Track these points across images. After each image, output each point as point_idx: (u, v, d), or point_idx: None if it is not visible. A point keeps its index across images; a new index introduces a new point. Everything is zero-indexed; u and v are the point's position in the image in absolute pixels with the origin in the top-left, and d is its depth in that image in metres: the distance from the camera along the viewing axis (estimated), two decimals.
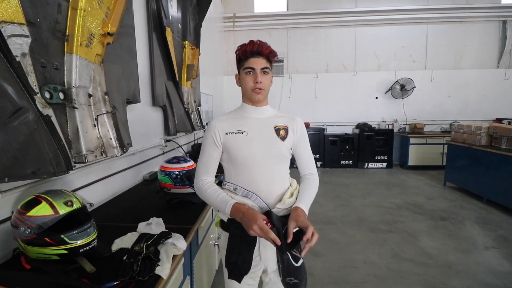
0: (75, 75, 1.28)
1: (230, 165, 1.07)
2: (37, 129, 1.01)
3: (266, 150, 1.03)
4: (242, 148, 1.03)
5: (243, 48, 1.04)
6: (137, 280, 0.85)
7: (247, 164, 1.03)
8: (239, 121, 1.08)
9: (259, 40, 1.04)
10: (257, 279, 1.13)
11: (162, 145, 2.56)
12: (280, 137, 1.06)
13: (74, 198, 0.96)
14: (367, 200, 3.91)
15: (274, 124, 1.08)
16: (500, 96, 5.97)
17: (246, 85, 1.04)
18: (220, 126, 1.06)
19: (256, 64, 1.02)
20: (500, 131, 3.60)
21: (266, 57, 1.04)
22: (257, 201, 1.01)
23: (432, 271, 2.19)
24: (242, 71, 1.05)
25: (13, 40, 0.98)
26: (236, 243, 0.99)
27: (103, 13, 1.43)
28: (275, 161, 1.05)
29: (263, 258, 1.07)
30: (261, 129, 1.06)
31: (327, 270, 2.23)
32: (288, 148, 1.08)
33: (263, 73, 1.03)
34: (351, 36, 6.15)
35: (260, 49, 1.02)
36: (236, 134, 1.04)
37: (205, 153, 1.08)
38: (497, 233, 2.81)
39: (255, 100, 1.06)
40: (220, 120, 1.09)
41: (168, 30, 2.53)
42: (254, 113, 1.09)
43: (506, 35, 5.86)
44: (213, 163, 1.08)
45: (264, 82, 1.03)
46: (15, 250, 1.00)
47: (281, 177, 1.08)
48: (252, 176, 1.03)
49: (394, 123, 6.08)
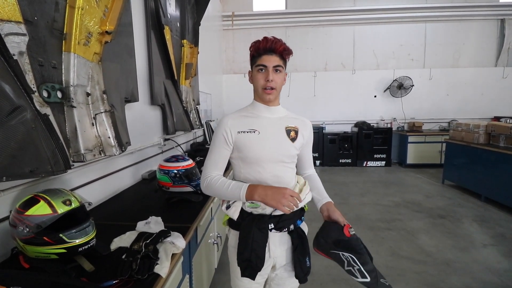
0: (73, 73, 1.28)
1: (240, 163, 1.07)
2: (35, 128, 1.01)
3: (277, 150, 1.04)
4: (254, 147, 1.03)
5: (256, 44, 1.03)
6: (136, 279, 0.85)
7: (257, 163, 1.03)
8: (251, 119, 1.07)
9: (274, 37, 1.01)
10: (265, 276, 1.13)
11: (161, 144, 2.55)
12: (290, 138, 1.07)
13: (73, 197, 0.96)
14: (366, 198, 3.92)
15: (285, 125, 1.08)
16: (498, 94, 5.99)
17: (258, 82, 1.03)
18: (232, 124, 1.05)
19: (268, 62, 1.00)
20: (498, 129, 3.62)
21: (280, 54, 1.01)
22: None
23: (430, 269, 2.20)
24: (254, 68, 1.04)
25: (11, 39, 0.97)
26: (249, 240, 0.99)
27: (101, 12, 1.42)
28: (284, 161, 1.06)
29: (272, 254, 1.07)
30: (272, 129, 1.06)
31: (326, 268, 2.23)
32: (297, 149, 1.09)
33: (276, 71, 1.01)
34: (350, 35, 6.15)
35: (273, 46, 1.00)
36: (248, 133, 1.04)
37: (214, 151, 1.07)
38: (495, 231, 2.83)
39: (266, 100, 1.05)
40: (231, 118, 1.07)
41: (166, 28, 2.52)
42: (266, 113, 1.08)
43: (504, 34, 5.88)
44: (222, 161, 1.08)
45: (276, 80, 1.02)
46: (13, 250, 1.00)
47: (289, 177, 1.08)
48: (261, 175, 1.04)
49: (393, 121, 6.10)
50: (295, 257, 1.04)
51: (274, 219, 1.02)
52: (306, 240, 1.07)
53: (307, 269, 1.05)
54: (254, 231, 0.98)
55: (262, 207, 1.01)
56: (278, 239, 1.06)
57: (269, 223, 1.01)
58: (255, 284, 1.11)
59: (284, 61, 1.04)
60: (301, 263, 1.03)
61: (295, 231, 1.06)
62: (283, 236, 1.07)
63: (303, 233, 1.08)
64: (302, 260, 1.04)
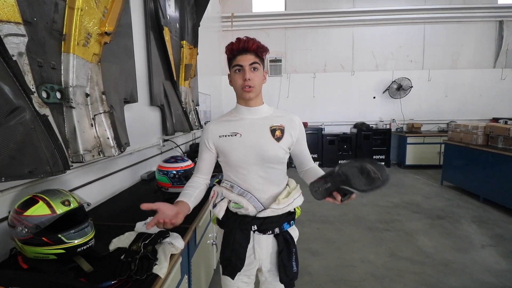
0: (72, 74, 1.28)
1: (225, 166, 1.08)
2: (34, 128, 1.01)
3: (260, 151, 1.01)
4: (236, 151, 1.02)
5: (230, 46, 1.02)
6: (134, 279, 0.85)
7: (241, 166, 1.03)
8: (233, 123, 1.06)
9: (246, 37, 1.00)
10: (252, 277, 1.13)
11: (160, 144, 2.55)
12: (275, 137, 1.03)
13: (72, 197, 0.96)
14: (365, 199, 3.92)
15: (270, 125, 1.05)
16: (496, 96, 6.01)
17: (236, 83, 1.02)
18: (213, 130, 1.06)
19: (243, 61, 0.99)
20: (496, 130, 3.63)
21: (255, 52, 1.00)
22: (251, 200, 1.02)
23: (429, 270, 2.20)
24: (232, 69, 1.03)
25: (10, 40, 0.98)
26: (230, 240, 1.00)
27: (101, 12, 1.42)
28: (269, 162, 1.03)
29: (257, 256, 1.07)
30: (255, 130, 1.04)
31: (325, 269, 2.23)
32: (284, 148, 1.05)
33: (253, 69, 1.00)
34: (349, 36, 6.17)
35: (246, 46, 0.99)
36: (229, 137, 1.03)
37: (200, 156, 1.13)
38: (494, 232, 2.83)
39: (246, 99, 1.03)
40: (214, 123, 1.09)
41: (165, 29, 2.53)
42: (248, 114, 1.06)
43: (502, 35, 5.90)
44: (207, 165, 1.12)
45: (254, 78, 1.00)
46: (12, 250, 1.00)
47: (277, 178, 1.07)
48: (246, 177, 1.03)
49: (392, 122, 6.11)
50: (279, 261, 1.03)
51: (257, 221, 1.02)
52: (293, 244, 1.06)
53: (292, 275, 1.03)
54: (236, 231, 0.99)
55: (245, 208, 1.02)
56: (264, 241, 1.05)
57: (252, 225, 1.01)
58: (241, 283, 1.11)
59: (260, 58, 1.02)
60: (286, 268, 1.02)
61: (280, 234, 1.04)
62: (268, 239, 1.06)
63: (291, 238, 1.06)
64: (287, 264, 1.03)
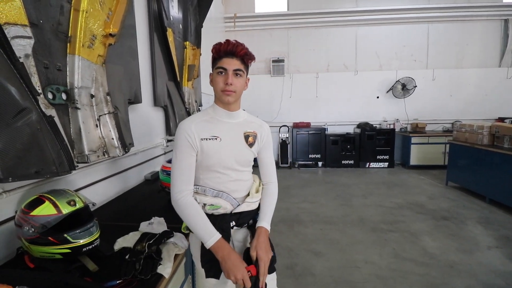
0: (78, 76, 1.30)
1: (199, 169, 1.04)
2: (40, 129, 1.02)
3: (235, 157, 1.05)
4: (215, 155, 1.02)
5: (217, 46, 1.01)
6: (139, 279, 0.86)
7: (217, 170, 1.03)
8: (212, 125, 1.04)
9: (236, 41, 1.00)
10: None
11: (164, 145, 2.57)
12: (248, 143, 1.07)
13: (77, 197, 0.97)
14: (368, 200, 3.90)
15: (244, 130, 1.08)
16: (502, 95, 5.94)
17: (217, 85, 1.01)
18: (195, 130, 1.01)
19: (228, 65, 0.98)
20: (502, 130, 3.58)
21: (241, 58, 1.00)
22: (228, 199, 1.04)
23: (434, 271, 2.18)
24: (215, 70, 1.02)
25: (17, 42, 0.99)
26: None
27: (105, 14, 1.44)
28: (242, 165, 1.07)
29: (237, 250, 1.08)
30: (232, 135, 1.06)
31: (328, 270, 2.23)
32: (254, 153, 1.11)
33: (236, 75, 0.99)
34: (352, 36, 6.14)
35: (234, 50, 0.98)
36: (210, 140, 1.01)
37: (181, 159, 1.00)
38: (500, 233, 2.80)
39: (225, 102, 1.02)
40: (194, 122, 1.03)
41: (169, 30, 2.54)
42: (226, 118, 1.07)
43: (508, 34, 5.83)
44: (191, 169, 1.02)
45: (236, 84, 1.00)
46: (19, 249, 1.01)
47: (247, 179, 1.12)
48: (220, 180, 1.04)
49: (396, 122, 6.06)
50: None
51: (235, 216, 1.05)
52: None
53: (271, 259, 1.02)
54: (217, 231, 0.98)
55: (224, 207, 1.03)
56: (241, 234, 1.10)
57: (230, 221, 1.04)
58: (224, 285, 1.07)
59: (245, 65, 1.02)
60: None
61: (253, 225, 1.08)
62: (244, 231, 1.10)
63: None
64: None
